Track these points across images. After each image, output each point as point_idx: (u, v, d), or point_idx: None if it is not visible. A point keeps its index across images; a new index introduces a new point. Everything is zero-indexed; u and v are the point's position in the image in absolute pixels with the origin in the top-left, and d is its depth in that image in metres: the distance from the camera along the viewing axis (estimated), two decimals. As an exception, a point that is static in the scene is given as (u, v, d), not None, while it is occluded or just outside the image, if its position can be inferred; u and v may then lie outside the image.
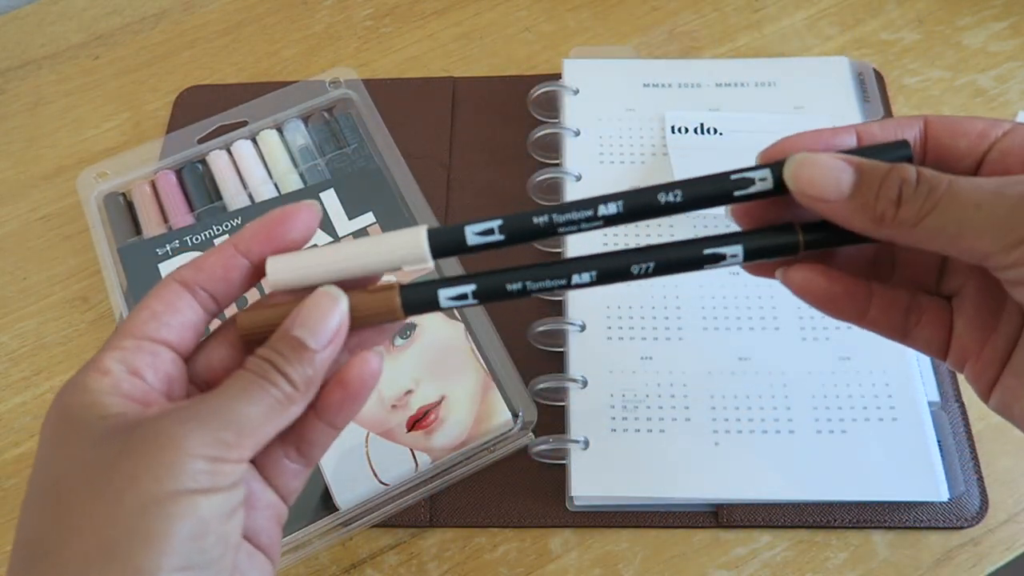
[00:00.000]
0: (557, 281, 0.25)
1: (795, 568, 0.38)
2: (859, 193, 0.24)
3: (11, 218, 0.52)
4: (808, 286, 0.26)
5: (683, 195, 0.25)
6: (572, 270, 0.25)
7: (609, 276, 0.25)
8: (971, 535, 0.38)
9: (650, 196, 0.25)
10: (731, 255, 0.25)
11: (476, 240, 0.25)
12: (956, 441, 0.40)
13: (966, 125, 0.26)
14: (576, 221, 0.25)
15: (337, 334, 0.25)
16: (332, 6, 0.59)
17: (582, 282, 0.25)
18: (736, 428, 0.40)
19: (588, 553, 0.39)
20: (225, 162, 0.48)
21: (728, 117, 0.48)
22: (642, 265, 0.25)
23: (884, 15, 0.55)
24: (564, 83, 0.50)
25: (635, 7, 0.56)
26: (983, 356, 0.26)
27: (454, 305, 0.25)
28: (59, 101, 0.56)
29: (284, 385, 0.24)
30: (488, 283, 0.25)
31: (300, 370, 0.24)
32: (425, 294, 0.25)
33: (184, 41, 0.58)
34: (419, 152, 0.50)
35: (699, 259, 0.25)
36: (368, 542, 0.40)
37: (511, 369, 0.41)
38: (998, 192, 0.22)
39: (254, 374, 0.24)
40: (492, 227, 0.25)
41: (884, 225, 0.23)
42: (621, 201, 0.25)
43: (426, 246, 0.25)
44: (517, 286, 0.25)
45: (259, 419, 0.23)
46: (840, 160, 0.24)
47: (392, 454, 0.39)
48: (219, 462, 0.22)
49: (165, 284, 0.25)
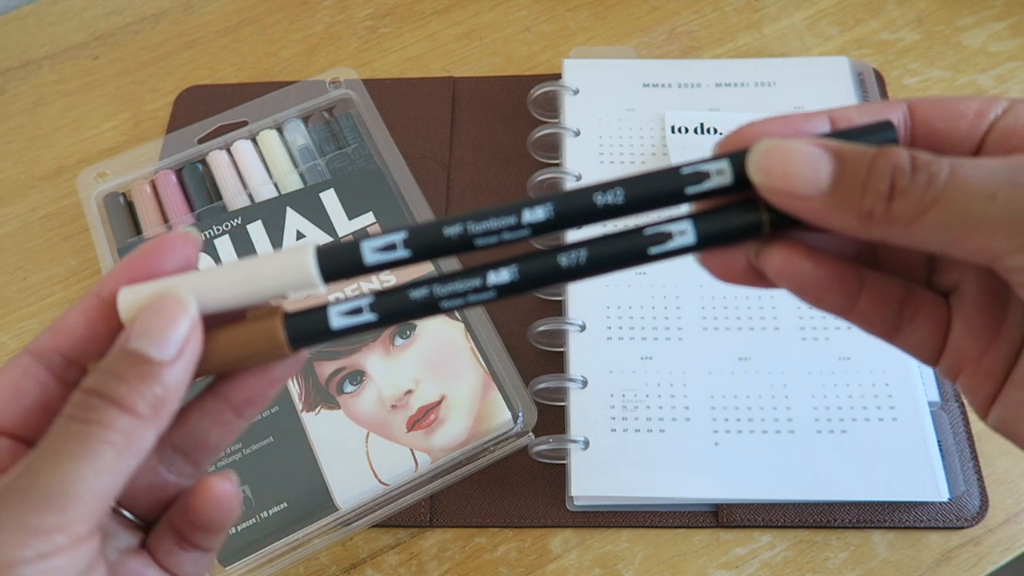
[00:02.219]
0: (469, 282, 0.21)
1: (795, 568, 0.38)
2: (840, 186, 0.20)
3: (11, 218, 0.52)
4: (789, 269, 0.22)
5: (625, 195, 0.21)
6: (487, 271, 0.21)
7: (534, 276, 0.21)
8: (971, 535, 0.38)
9: (584, 198, 0.21)
10: (679, 232, 0.21)
11: (376, 258, 0.21)
12: (956, 441, 0.40)
13: (961, 105, 0.22)
14: (496, 230, 0.21)
15: (188, 342, 0.20)
16: (332, 6, 0.59)
17: (500, 282, 0.21)
18: (736, 428, 0.40)
19: (588, 553, 0.39)
20: (225, 162, 0.48)
21: (728, 117, 0.48)
22: (573, 255, 0.21)
23: (884, 15, 0.55)
24: (564, 83, 0.50)
25: (635, 7, 0.56)
26: (983, 365, 0.22)
27: (349, 324, 0.21)
28: (59, 101, 0.56)
29: (120, 420, 0.19)
30: (389, 297, 0.22)
31: (144, 391, 0.20)
32: (316, 317, 0.21)
33: (184, 41, 0.58)
34: (419, 152, 0.50)
35: (641, 245, 0.21)
36: (368, 542, 0.40)
37: (511, 369, 0.41)
38: (1014, 180, 0.18)
39: (75, 420, 0.19)
40: (394, 241, 0.21)
41: (873, 224, 0.19)
42: (550, 204, 0.21)
43: (314, 267, 0.21)
44: (422, 292, 0.21)
45: (89, 479, 0.18)
46: (816, 146, 0.20)
47: (392, 454, 0.39)
48: (47, 554, 0.18)
49: (13, 361, 0.21)
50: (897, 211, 0.19)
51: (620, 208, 0.21)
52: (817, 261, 0.22)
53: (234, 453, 0.40)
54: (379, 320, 0.21)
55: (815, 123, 0.22)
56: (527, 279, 0.21)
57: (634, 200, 0.21)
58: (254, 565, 0.38)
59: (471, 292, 0.21)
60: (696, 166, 0.21)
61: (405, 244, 0.21)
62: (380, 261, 0.21)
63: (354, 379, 0.41)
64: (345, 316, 0.21)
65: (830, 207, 0.20)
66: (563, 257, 0.21)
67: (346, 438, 0.40)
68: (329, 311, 0.21)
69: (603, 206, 0.21)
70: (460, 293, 0.21)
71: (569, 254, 0.21)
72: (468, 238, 0.21)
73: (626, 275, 0.44)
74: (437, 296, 0.21)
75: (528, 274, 0.21)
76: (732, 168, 0.21)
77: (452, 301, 0.21)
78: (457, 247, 0.21)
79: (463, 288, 0.21)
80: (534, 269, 0.21)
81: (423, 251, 0.21)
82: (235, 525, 0.38)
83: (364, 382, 0.41)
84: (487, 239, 0.21)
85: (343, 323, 0.21)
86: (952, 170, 0.19)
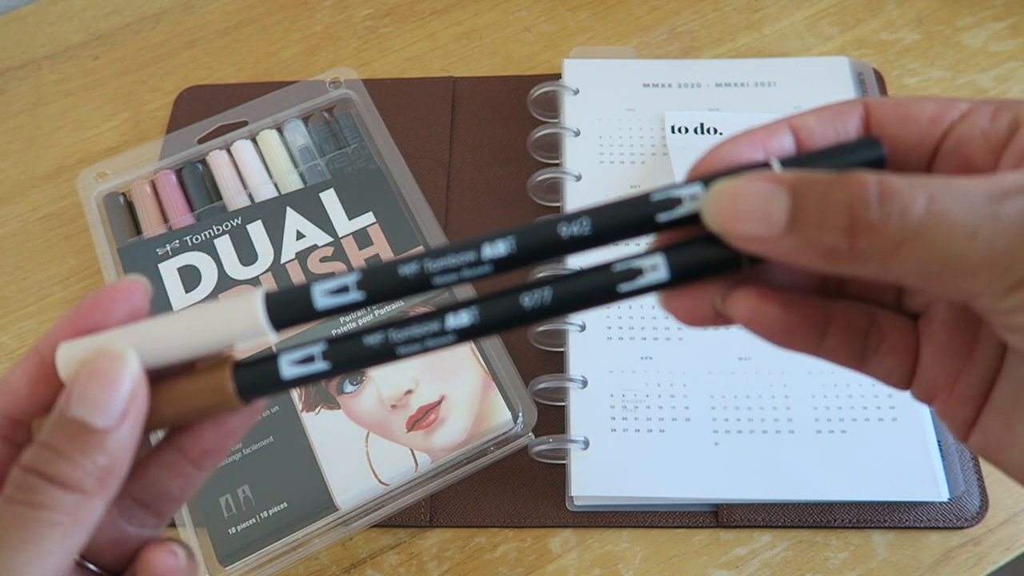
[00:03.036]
0: (427, 327, 0.20)
1: (795, 568, 0.38)
2: (797, 223, 0.18)
3: (11, 218, 0.52)
4: (758, 317, 0.20)
5: (592, 225, 0.20)
6: (445, 313, 0.20)
7: (495, 319, 0.20)
8: (971, 535, 0.38)
9: (549, 230, 0.20)
10: (650, 267, 0.20)
11: (328, 302, 0.20)
12: (956, 441, 0.40)
13: (915, 109, 0.20)
14: (455, 267, 0.20)
15: (131, 404, 0.19)
16: (332, 6, 0.59)
17: (460, 325, 0.20)
18: (736, 428, 0.40)
19: (588, 553, 0.39)
20: (225, 162, 0.48)
21: (728, 117, 0.48)
22: (536, 294, 0.20)
23: (884, 15, 0.55)
24: (564, 83, 0.50)
25: (635, 7, 0.56)
26: (957, 391, 0.21)
27: (302, 374, 0.20)
28: (59, 101, 0.56)
29: (64, 499, 0.18)
30: (343, 344, 0.20)
31: (87, 465, 0.18)
32: (267, 368, 0.20)
33: (184, 41, 0.58)
34: (419, 152, 0.50)
35: (609, 282, 0.20)
36: (368, 542, 0.40)
37: (511, 369, 0.41)
38: (996, 215, 0.16)
39: (15, 503, 0.18)
40: (346, 284, 0.20)
41: (840, 261, 0.18)
42: (512, 238, 0.20)
43: (263, 314, 0.20)
44: (377, 338, 0.20)
45: (34, 565, 0.18)
46: (767, 182, 0.18)
47: (392, 454, 0.39)
48: None
49: None
50: (863, 247, 0.17)
51: (587, 240, 0.20)
52: (787, 308, 0.21)
53: (234, 453, 0.40)
54: (332, 369, 0.20)
55: (780, 135, 0.21)
56: (489, 322, 0.20)
57: (602, 231, 0.20)
58: (254, 565, 0.38)
59: (428, 337, 0.20)
60: (667, 192, 0.20)
61: (359, 286, 0.20)
62: (332, 305, 0.20)
63: (354, 379, 0.41)
64: (297, 365, 0.20)
65: (791, 246, 0.18)
66: (526, 297, 0.20)
67: (346, 438, 0.40)
68: (280, 361, 0.20)
69: (569, 238, 0.20)
70: (417, 338, 0.20)
71: (532, 293, 0.20)
72: (425, 277, 0.20)
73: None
74: (393, 342, 0.20)
75: (489, 316, 0.20)
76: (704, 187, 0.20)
77: (409, 347, 0.20)
78: (414, 287, 0.20)
79: (420, 333, 0.20)
80: (495, 311, 0.20)
81: (378, 293, 0.20)
82: (235, 525, 0.38)
83: (364, 382, 0.41)
84: (446, 277, 0.20)
85: (295, 373, 0.20)
86: (928, 203, 0.17)
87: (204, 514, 0.39)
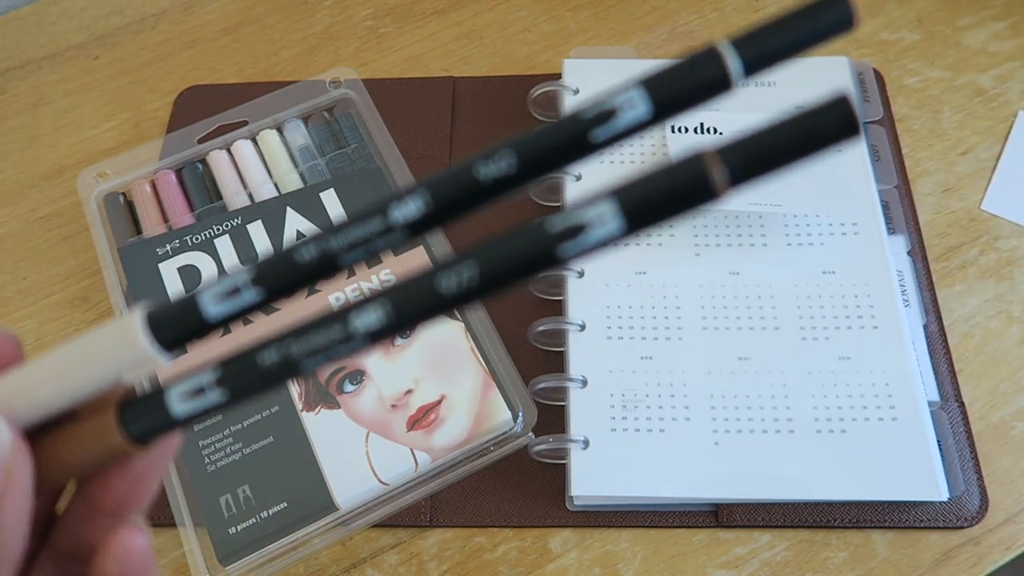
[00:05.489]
0: (330, 333, 0.17)
1: (795, 568, 0.38)
2: None
3: (11, 218, 0.52)
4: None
5: (517, 158, 0.16)
6: (347, 314, 0.17)
7: (410, 314, 0.16)
8: (971, 535, 0.38)
9: (464, 175, 0.17)
10: (596, 219, 0.15)
11: (220, 309, 0.17)
12: (956, 441, 0.40)
13: None
14: (363, 240, 0.17)
15: (10, 473, 0.17)
16: (332, 6, 0.59)
17: (369, 327, 0.16)
18: (736, 428, 0.40)
19: (588, 553, 0.39)
20: (225, 162, 0.48)
21: (728, 117, 0.48)
22: (454, 274, 0.16)
23: (884, 15, 0.55)
24: (564, 83, 0.50)
25: (635, 7, 0.56)
26: None
27: (194, 410, 0.17)
28: (59, 101, 0.56)
29: None
30: (236, 367, 0.17)
31: None
32: (154, 405, 0.17)
33: (184, 41, 0.58)
34: (419, 152, 0.50)
35: (545, 244, 0.16)
36: (368, 542, 0.40)
37: (511, 369, 0.41)
38: None
39: None
40: (237, 284, 0.17)
41: None
42: (423, 192, 0.17)
43: (145, 336, 0.17)
44: (273, 355, 0.17)
45: None
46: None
47: (392, 454, 0.39)
48: None
49: None
50: None
51: (513, 179, 0.17)
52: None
53: (234, 453, 0.40)
54: (230, 400, 0.17)
55: None
56: (402, 318, 0.17)
57: (529, 164, 0.16)
58: (254, 565, 0.38)
59: (336, 344, 0.17)
60: (600, 104, 0.17)
61: (253, 283, 0.17)
62: (226, 312, 0.17)
63: (354, 379, 0.41)
64: (187, 400, 0.17)
65: None
66: (444, 279, 0.16)
67: (346, 438, 0.40)
68: (169, 395, 0.17)
69: (491, 180, 0.17)
70: (322, 348, 0.17)
71: (450, 274, 0.16)
72: (330, 258, 0.17)
73: (626, 275, 0.44)
74: (294, 357, 0.17)
75: (402, 311, 0.16)
76: (648, 96, 0.17)
77: (314, 359, 0.17)
78: (319, 273, 0.17)
79: (324, 341, 0.17)
80: (409, 303, 0.16)
81: (278, 288, 0.17)
82: (235, 525, 0.38)
83: (364, 382, 0.41)
84: (354, 254, 0.17)
85: (187, 409, 0.17)
86: None
87: (204, 514, 0.39)
